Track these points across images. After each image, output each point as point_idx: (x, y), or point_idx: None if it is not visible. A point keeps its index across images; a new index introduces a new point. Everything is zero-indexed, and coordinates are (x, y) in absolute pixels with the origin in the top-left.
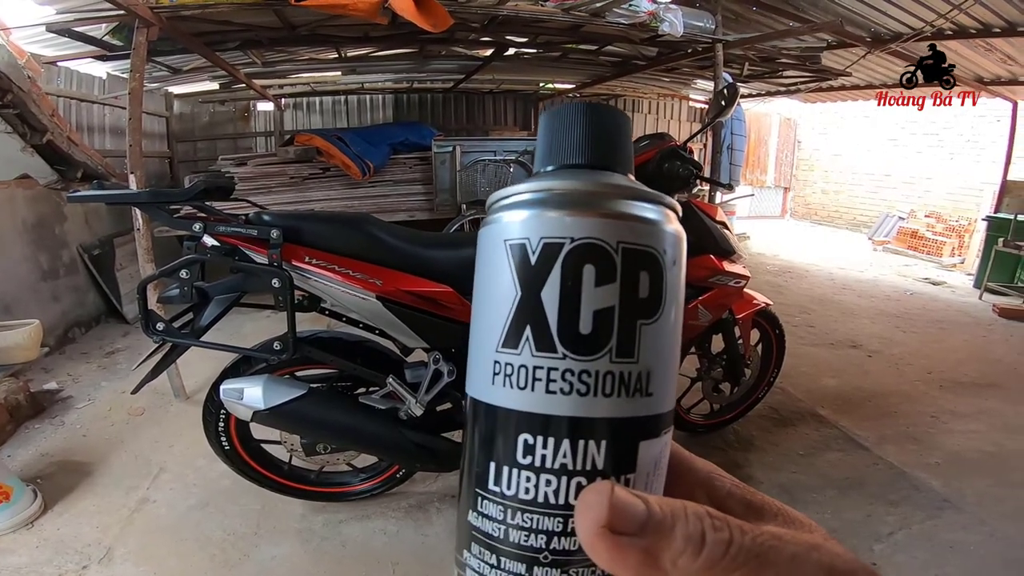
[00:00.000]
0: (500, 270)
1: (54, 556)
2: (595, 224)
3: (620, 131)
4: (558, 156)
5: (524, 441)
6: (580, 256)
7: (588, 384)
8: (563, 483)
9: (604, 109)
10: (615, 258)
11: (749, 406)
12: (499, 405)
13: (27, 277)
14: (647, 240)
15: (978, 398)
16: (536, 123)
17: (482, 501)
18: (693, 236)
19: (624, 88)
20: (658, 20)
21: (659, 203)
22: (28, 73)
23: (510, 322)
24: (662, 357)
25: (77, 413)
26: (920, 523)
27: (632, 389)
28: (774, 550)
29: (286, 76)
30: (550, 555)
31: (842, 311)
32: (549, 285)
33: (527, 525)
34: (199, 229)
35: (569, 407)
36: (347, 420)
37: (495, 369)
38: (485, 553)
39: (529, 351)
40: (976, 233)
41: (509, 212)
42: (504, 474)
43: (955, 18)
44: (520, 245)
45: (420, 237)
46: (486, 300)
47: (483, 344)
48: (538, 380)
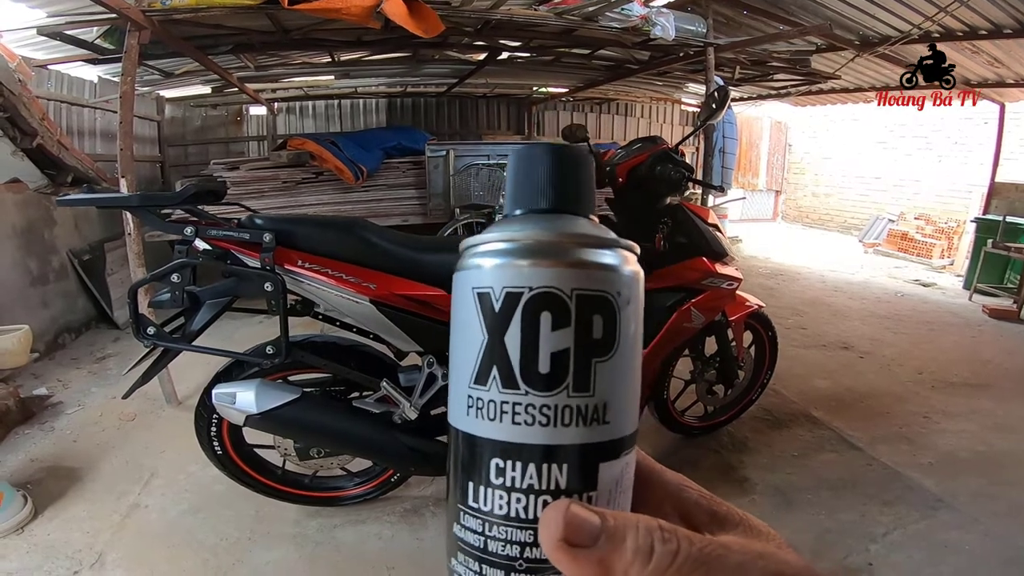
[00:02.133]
0: (469, 315)
1: (44, 562)
2: (552, 274)
3: (582, 173)
4: (524, 201)
5: (496, 464)
6: (537, 304)
7: (549, 416)
8: (531, 500)
9: (567, 152)
10: (569, 304)
11: (743, 408)
12: (474, 433)
13: (17, 282)
14: (600, 285)
15: (969, 398)
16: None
17: (464, 515)
18: (685, 239)
19: (616, 92)
20: (650, 24)
21: (615, 247)
22: (19, 76)
23: (480, 362)
24: (618, 389)
25: (67, 419)
26: (915, 523)
27: (590, 419)
28: (720, 559)
29: (279, 80)
30: (524, 563)
31: (834, 313)
32: (511, 330)
33: (502, 537)
34: (190, 233)
35: (533, 436)
36: (341, 424)
37: (468, 403)
38: (469, 561)
39: (496, 388)
40: (965, 235)
41: (477, 259)
42: (481, 492)
43: (941, 21)
44: (486, 293)
45: (413, 241)
46: (459, 341)
47: (459, 379)
48: (505, 413)
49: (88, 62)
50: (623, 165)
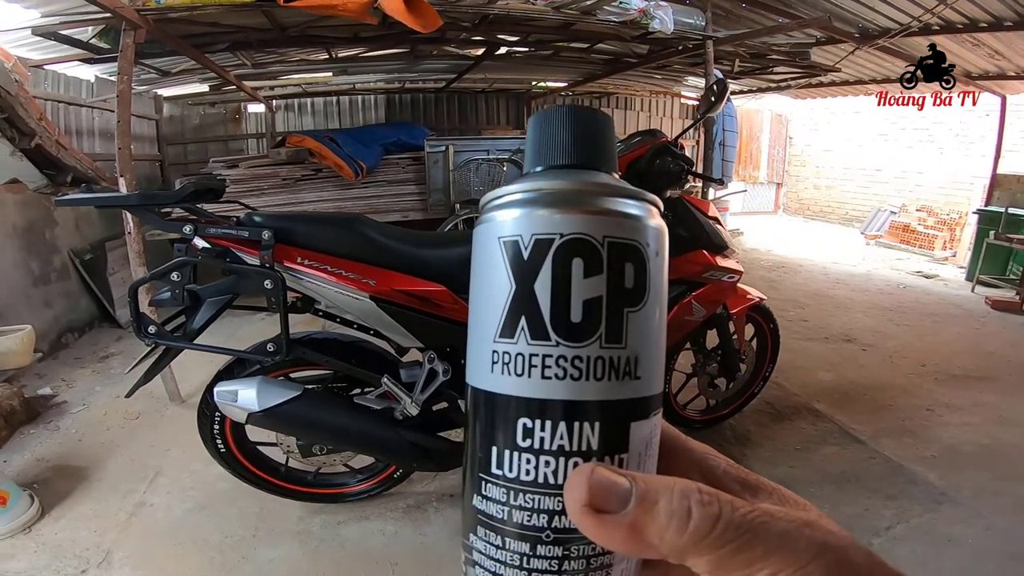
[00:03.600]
0: (495, 265)
1: (52, 561)
2: (582, 220)
3: (604, 132)
4: (546, 158)
5: (523, 425)
6: (569, 250)
7: (580, 369)
8: (561, 464)
9: (588, 111)
10: (601, 251)
11: (745, 401)
12: (498, 392)
13: (19, 283)
14: (631, 234)
15: (972, 391)
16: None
17: (485, 485)
18: (686, 232)
19: (616, 86)
20: (648, 17)
21: (641, 199)
22: (15, 77)
23: (506, 313)
24: (648, 342)
25: (72, 418)
26: (918, 517)
27: (622, 373)
28: (765, 526)
29: (277, 77)
30: (552, 533)
31: (836, 305)
32: (541, 278)
33: (529, 505)
34: (190, 231)
35: (564, 391)
36: (342, 421)
37: (493, 358)
38: (490, 535)
39: (525, 340)
40: (967, 226)
41: (502, 211)
42: (505, 457)
43: (941, 13)
44: (513, 242)
45: (413, 236)
46: (483, 294)
47: (481, 335)
48: (534, 367)
49: (84, 62)
50: (622, 158)
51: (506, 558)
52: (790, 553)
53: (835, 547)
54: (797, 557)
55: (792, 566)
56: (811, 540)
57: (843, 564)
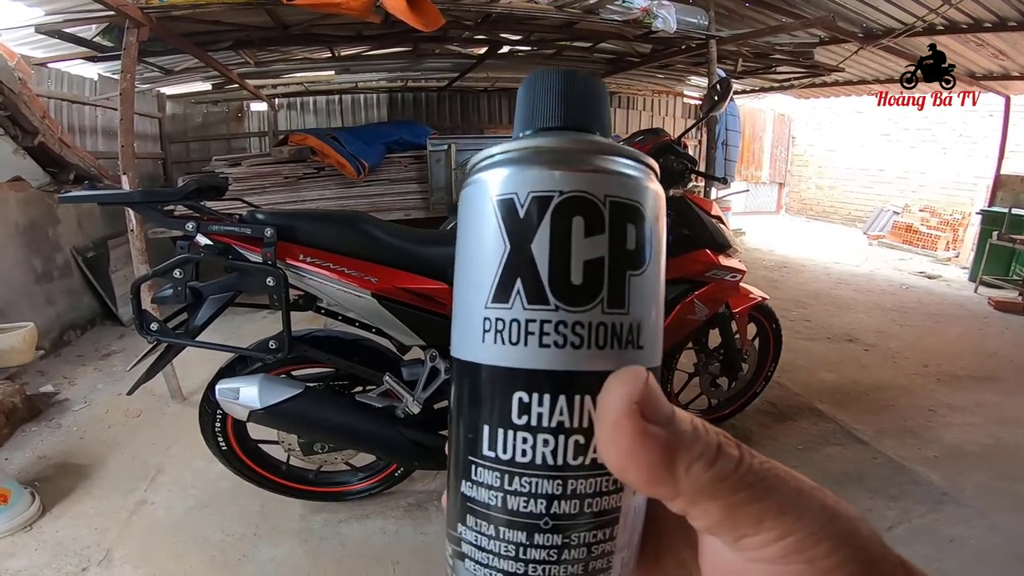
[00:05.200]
0: (487, 226)
1: (53, 559)
2: (583, 178)
3: (596, 95)
4: (538, 119)
5: (519, 400)
6: (569, 208)
7: (582, 336)
8: (561, 442)
9: (580, 75)
10: (603, 210)
11: (747, 401)
12: (491, 364)
13: (21, 280)
14: (632, 194)
15: (975, 391)
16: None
17: (476, 469)
18: (689, 230)
19: (618, 85)
20: (651, 17)
21: (640, 161)
22: (18, 75)
23: (499, 276)
24: (649, 309)
25: (74, 416)
26: (921, 517)
27: (624, 340)
28: (780, 479)
29: (279, 76)
30: (551, 520)
31: (838, 305)
32: (539, 237)
33: (525, 490)
34: (192, 228)
35: (564, 361)
36: (344, 419)
37: (485, 326)
38: (482, 524)
39: (520, 304)
40: (970, 227)
41: (495, 170)
42: (499, 437)
43: (946, 13)
44: (508, 200)
45: (415, 234)
46: (472, 258)
47: (470, 302)
48: (531, 334)
49: (88, 60)
50: None
51: (500, 549)
52: (803, 515)
53: (846, 516)
54: (809, 521)
55: (803, 531)
56: (824, 504)
57: (855, 535)
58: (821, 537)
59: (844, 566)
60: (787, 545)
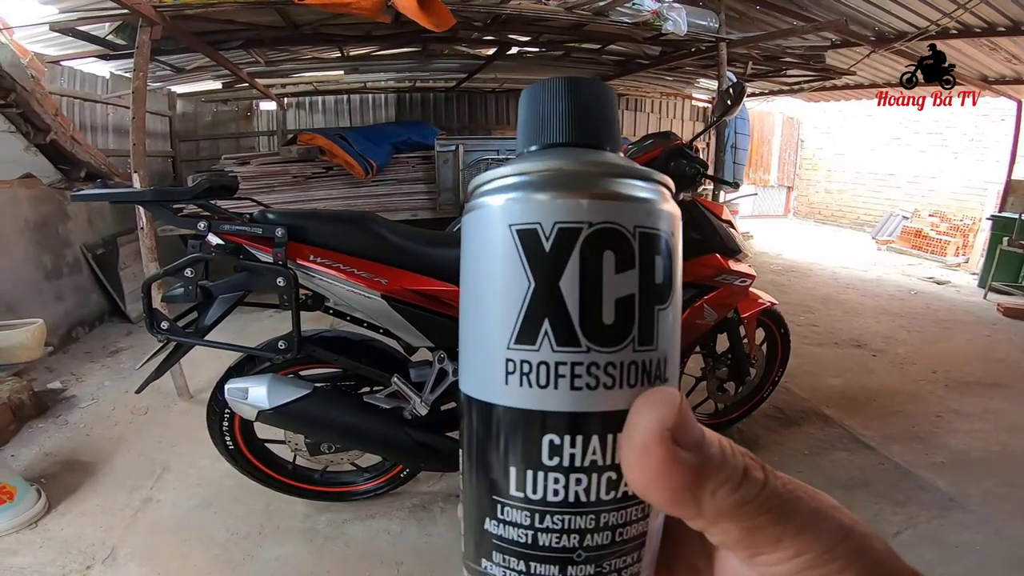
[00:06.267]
0: (504, 258)
1: (58, 556)
2: (613, 207)
3: (607, 105)
4: (543, 135)
5: (550, 442)
6: (600, 241)
7: (614, 377)
8: (594, 480)
9: (588, 82)
10: (633, 243)
11: (754, 405)
12: (517, 407)
13: (31, 277)
14: (658, 223)
15: (983, 397)
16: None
17: (503, 508)
18: (699, 235)
19: (627, 87)
20: (661, 19)
21: (658, 182)
22: (31, 72)
23: (523, 315)
24: (674, 341)
25: (81, 412)
26: (927, 523)
27: (653, 376)
28: (800, 501)
29: (289, 75)
30: (584, 552)
31: (846, 310)
32: (568, 273)
33: (558, 527)
34: (203, 227)
35: (596, 403)
36: (351, 419)
37: (508, 368)
38: (511, 560)
39: (549, 346)
40: (980, 232)
41: (509, 195)
42: (528, 478)
43: (960, 17)
44: (531, 230)
45: (425, 236)
46: (487, 292)
47: (487, 341)
48: (561, 376)
49: (100, 58)
50: (636, 160)
51: None
52: (820, 534)
53: (860, 533)
54: (825, 540)
55: (819, 548)
56: (840, 523)
57: (868, 551)
58: (835, 555)
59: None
60: (801, 563)
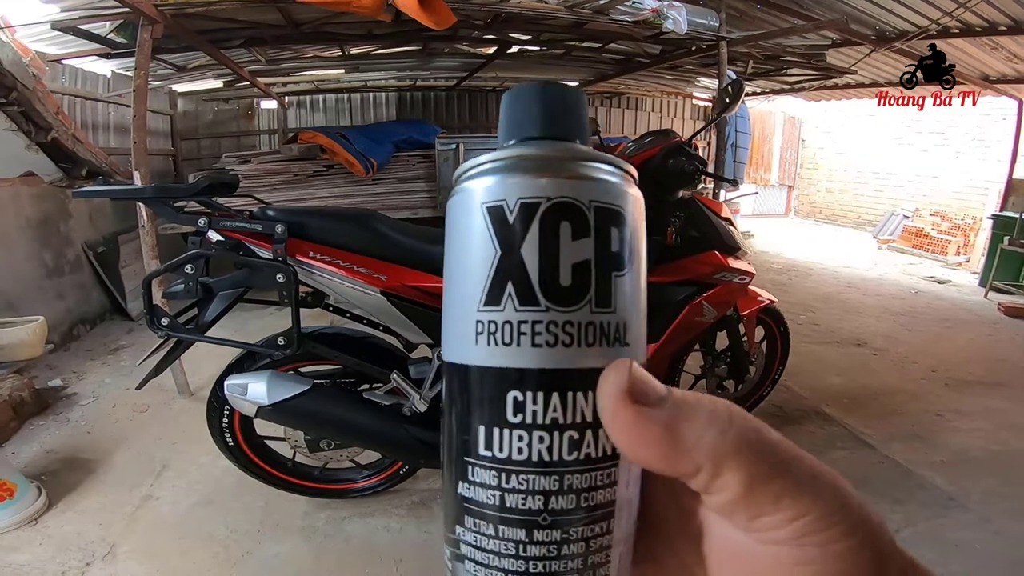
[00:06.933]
0: (476, 232)
1: (57, 553)
2: (570, 184)
3: (575, 106)
4: (520, 130)
5: (513, 398)
6: (557, 213)
7: (572, 335)
8: (555, 438)
9: (558, 87)
10: (588, 215)
11: (754, 404)
12: (484, 365)
13: (32, 274)
14: (615, 199)
15: (984, 397)
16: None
17: (472, 469)
18: (697, 232)
19: (627, 86)
20: (662, 17)
21: (620, 168)
22: (33, 71)
23: (491, 280)
24: (634, 308)
25: (82, 410)
26: (926, 521)
27: (612, 338)
28: (797, 458)
29: (290, 74)
30: (549, 516)
31: (847, 309)
32: (528, 241)
33: (523, 487)
34: (204, 224)
35: (555, 359)
36: (351, 416)
37: (478, 329)
38: (480, 524)
39: (512, 306)
40: (981, 232)
41: (482, 179)
42: (495, 436)
43: (961, 16)
44: (498, 207)
45: (424, 233)
46: (462, 264)
47: (462, 307)
48: (523, 334)
49: (101, 57)
50: (635, 158)
51: (500, 548)
52: (819, 495)
53: (857, 503)
54: (824, 503)
55: (819, 510)
56: (837, 486)
57: (866, 522)
58: (834, 520)
59: (857, 553)
60: (801, 526)
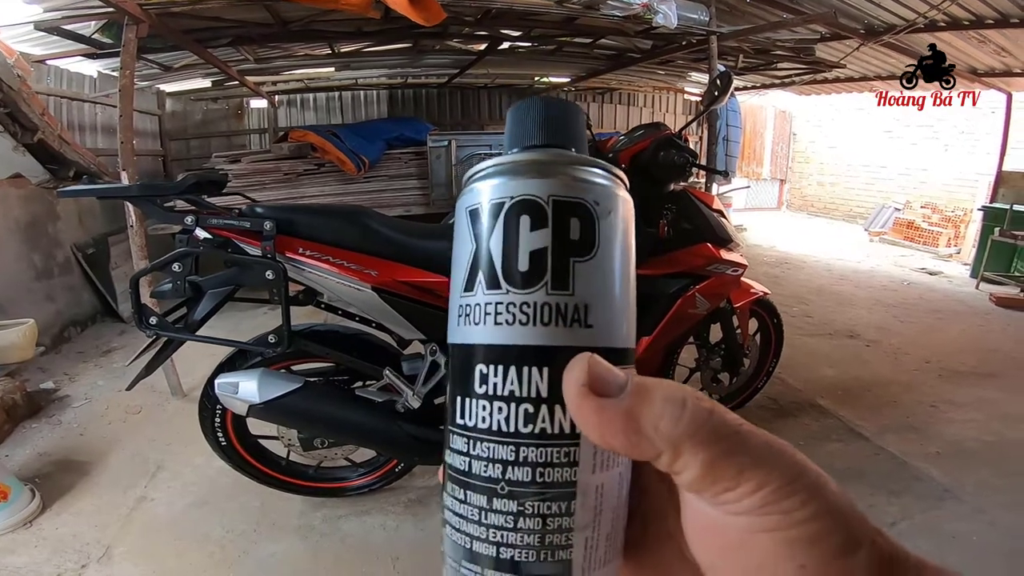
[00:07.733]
0: (463, 233)
1: (52, 555)
2: (529, 183)
3: (570, 116)
4: (519, 140)
5: (480, 371)
6: (518, 209)
7: (528, 314)
8: (512, 410)
9: (555, 100)
10: (546, 208)
11: (748, 396)
12: (461, 342)
13: (21, 277)
14: (576, 193)
15: (976, 387)
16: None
17: (452, 437)
18: (689, 224)
19: (619, 81)
20: (652, 12)
21: (595, 166)
22: (17, 72)
23: (468, 270)
24: (602, 292)
25: (74, 412)
26: (922, 513)
27: (570, 319)
28: (752, 434)
29: (279, 72)
30: (506, 486)
31: (840, 301)
32: (494, 235)
33: (485, 455)
34: (191, 222)
35: (513, 336)
36: (344, 413)
37: (459, 312)
38: (456, 489)
39: (481, 291)
40: (972, 223)
41: (468, 186)
42: (467, 406)
43: (948, 9)
44: (475, 209)
45: (416, 228)
46: (455, 259)
47: (453, 295)
48: (488, 314)
49: (87, 57)
50: (626, 151)
51: (468, 512)
52: (776, 466)
53: (814, 472)
54: (781, 473)
55: (777, 480)
56: (793, 458)
57: (823, 488)
58: (794, 489)
59: (817, 519)
60: (763, 496)
